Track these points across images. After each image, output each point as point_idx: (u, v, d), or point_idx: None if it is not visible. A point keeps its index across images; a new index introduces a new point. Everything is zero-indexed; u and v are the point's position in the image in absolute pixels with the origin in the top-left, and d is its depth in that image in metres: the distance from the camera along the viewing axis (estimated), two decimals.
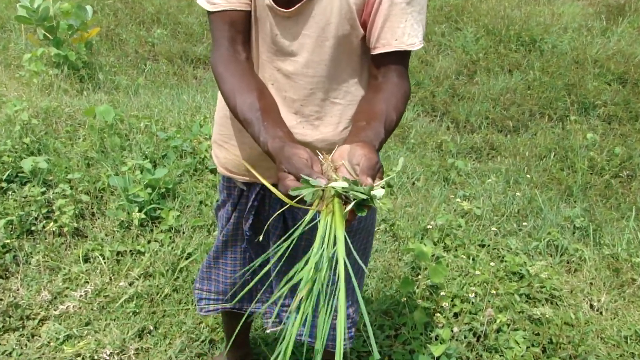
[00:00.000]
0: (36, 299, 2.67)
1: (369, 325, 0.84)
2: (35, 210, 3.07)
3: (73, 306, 2.64)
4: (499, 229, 3.46)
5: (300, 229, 1.06)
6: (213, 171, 3.64)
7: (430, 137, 4.85)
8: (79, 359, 2.41)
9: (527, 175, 4.29)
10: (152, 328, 2.57)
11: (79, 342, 2.48)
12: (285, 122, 1.30)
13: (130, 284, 2.78)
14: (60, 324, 2.56)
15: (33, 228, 3.03)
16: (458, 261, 3.09)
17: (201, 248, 2.98)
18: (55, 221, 3.05)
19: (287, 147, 1.15)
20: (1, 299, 2.65)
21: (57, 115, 4.00)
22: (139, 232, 3.08)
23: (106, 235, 3.06)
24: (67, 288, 2.75)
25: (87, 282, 2.78)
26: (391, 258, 3.13)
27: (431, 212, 3.52)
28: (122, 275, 2.82)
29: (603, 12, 7.38)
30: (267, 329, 1.85)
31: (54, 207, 3.08)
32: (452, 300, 2.78)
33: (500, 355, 2.55)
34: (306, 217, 1.07)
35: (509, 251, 3.25)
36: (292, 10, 1.35)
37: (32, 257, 2.89)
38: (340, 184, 1.05)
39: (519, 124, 5.28)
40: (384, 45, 1.37)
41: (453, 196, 3.84)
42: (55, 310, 2.63)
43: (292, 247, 1.66)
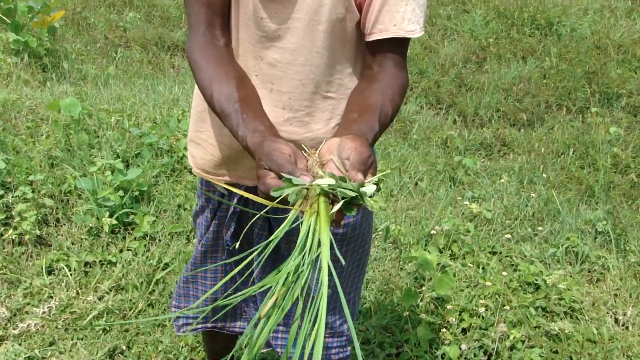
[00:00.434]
0: None
1: (357, 345, 0.84)
2: None
3: (35, 324, 2.63)
4: (512, 235, 3.47)
5: (280, 232, 1.06)
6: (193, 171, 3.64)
7: (435, 132, 4.87)
8: None
9: (543, 174, 4.31)
10: (124, 348, 2.56)
11: None
12: (267, 115, 1.30)
13: (99, 299, 2.77)
14: (20, 344, 2.55)
15: None
16: (466, 270, 3.10)
17: (180, 257, 2.98)
18: (15, 228, 3.03)
19: (268, 142, 1.14)
20: None
21: (16, 109, 3.98)
22: (109, 240, 3.07)
23: (72, 243, 3.05)
24: (29, 304, 2.73)
25: (51, 296, 2.77)
26: (392, 267, 3.14)
27: (436, 216, 3.53)
28: (91, 288, 2.81)
29: None
30: None
31: (14, 213, 3.06)
32: (460, 315, 2.79)
33: None
34: (287, 218, 1.07)
35: (523, 259, 3.26)
36: None
37: None
38: (326, 181, 1.06)
39: (533, 117, 5.30)
40: (380, 31, 1.37)
41: (460, 198, 3.85)
42: (14, 329, 2.61)
43: (278, 257, 1.67)
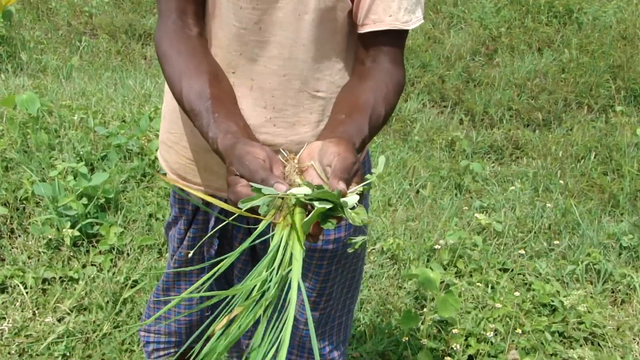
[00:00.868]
0: None
1: None
2: None
3: None
4: (525, 249, 3.49)
5: (246, 244, 1.07)
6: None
7: (439, 133, 4.89)
8: None
9: (561, 181, 4.34)
10: None
11: None
12: (241, 115, 1.30)
13: (59, 320, 2.77)
14: None
15: None
16: (473, 290, 3.11)
17: (151, 274, 2.98)
18: None
19: (240, 144, 1.15)
20: None
21: None
22: (71, 254, 3.07)
23: (29, 258, 3.04)
24: None
25: (4, 317, 2.76)
26: (389, 286, 3.14)
27: (439, 228, 3.54)
28: (49, 308, 2.81)
29: None
30: None
31: None
32: (465, 340, 2.80)
33: None
34: (255, 230, 1.07)
35: (538, 277, 3.27)
36: None
37: None
38: (302, 190, 1.06)
39: (550, 116, 5.33)
40: (374, 22, 1.38)
41: (467, 208, 3.86)
42: None
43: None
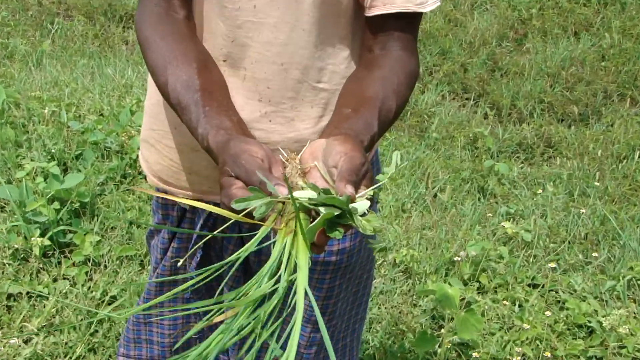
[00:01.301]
0: None
1: None
2: None
3: None
4: (558, 262, 3.49)
5: (244, 252, 1.07)
6: None
7: (460, 130, 4.89)
8: None
9: (599, 183, 4.33)
10: None
11: None
12: (235, 108, 1.31)
13: (26, 342, 2.77)
14: None
15: None
16: (498, 308, 3.11)
17: (131, 289, 2.98)
18: None
19: (235, 142, 1.15)
20: None
21: None
22: (40, 266, 3.07)
23: None
24: None
25: None
26: (402, 303, 3.15)
27: (460, 238, 3.54)
28: (15, 328, 2.81)
29: None
30: None
31: None
32: None
33: None
34: (255, 237, 1.07)
35: (573, 294, 3.27)
36: None
37: None
38: (306, 194, 1.06)
39: (587, 110, 5.33)
40: (384, 3, 1.38)
41: (491, 214, 3.86)
42: None
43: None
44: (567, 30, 6.25)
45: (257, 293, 1.01)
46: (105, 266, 3.13)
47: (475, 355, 2.80)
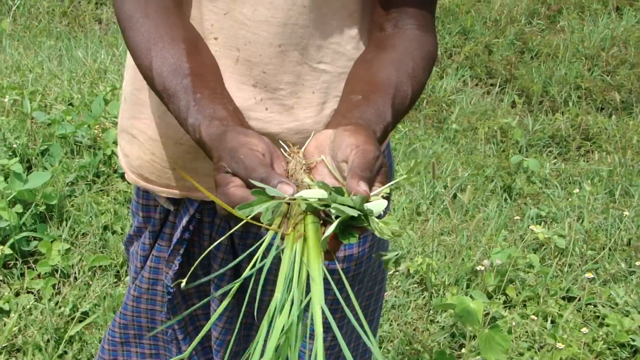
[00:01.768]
0: None
1: None
2: None
3: None
4: (597, 272, 3.49)
5: (251, 270, 1.07)
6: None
7: (484, 120, 4.89)
8: None
9: None
10: None
11: None
12: (230, 96, 1.31)
13: None
14: None
15: None
16: (528, 325, 3.12)
17: (105, 304, 2.99)
18: None
19: (232, 134, 1.15)
20: None
21: None
22: (0, 278, 3.08)
23: None
24: None
25: None
26: (417, 319, 3.15)
27: (483, 244, 3.54)
28: None
29: None
30: None
31: None
32: None
33: None
34: (262, 245, 1.07)
35: (614, 308, 3.28)
36: None
37: None
38: (315, 193, 1.07)
39: (631, 97, 5.33)
40: None
41: (520, 217, 3.87)
42: None
43: (247, 304, 1.67)
44: (608, 4, 6.25)
45: (281, 321, 0.98)
46: (75, 278, 3.13)
47: None
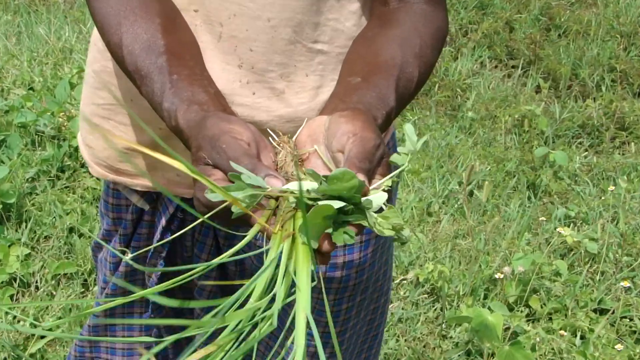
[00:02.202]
0: None
1: None
2: None
3: None
4: (633, 281, 3.49)
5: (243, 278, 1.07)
6: None
7: (505, 108, 4.89)
8: None
9: None
10: None
11: None
12: (211, 77, 1.31)
13: None
14: None
15: None
16: (554, 341, 3.12)
17: (71, 317, 2.98)
18: None
19: (212, 120, 1.15)
20: None
21: None
22: None
23: None
24: None
25: None
26: (428, 334, 3.15)
27: (503, 249, 3.54)
28: None
29: None
30: None
31: None
32: None
33: None
34: (242, 241, 1.05)
35: None
36: None
37: None
38: (306, 186, 1.06)
39: None
40: None
41: (545, 218, 3.87)
42: None
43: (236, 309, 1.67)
44: None
45: (237, 317, 0.99)
46: (36, 287, 3.13)
47: None
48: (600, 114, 4.97)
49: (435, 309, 3.28)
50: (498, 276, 3.34)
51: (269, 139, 1.18)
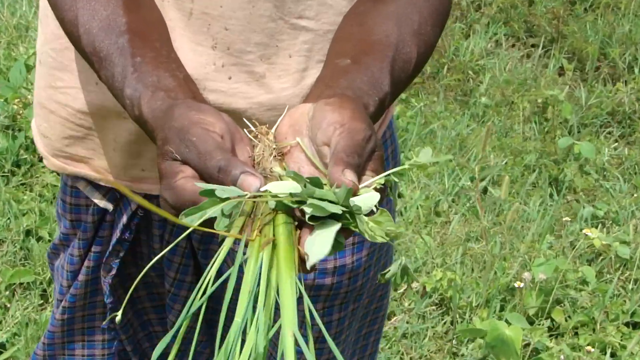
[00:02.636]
0: None
1: None
2: None
3: None
4: None
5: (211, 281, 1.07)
6: None
7: (523, 92, 4.89)
8: None
9: None
10: None
11: None
12: (180, 60, 1.31)
13: None
14: None
15: None
16: (580, 358, 3.12)
17: (27, 332, 2.99)
18: None
19: (181, 109, 1.14)
20: None
21: None
22: None
23: None
24: None
25: None
26: (436, 351, 3.16)
27: (522, 253, 3.54)
28: None
29: None
30: None
31: None
32: None
33: None
34: (216, 257, 1.05)
35: None
36: None
37: None
38: (286, 187, 1.06)
39: None
40: None
41: (570, 219, 3.87)
42: None
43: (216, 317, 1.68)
44: None
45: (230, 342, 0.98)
46: None
47: None
48: (633, 100, 4.98)
49: (445, 323, 3.28)
50: (517, 285, 3.34)
51: (245, 130, 1.17)
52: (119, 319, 1.13)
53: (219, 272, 1.04)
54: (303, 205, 1.04)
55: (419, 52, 1.37)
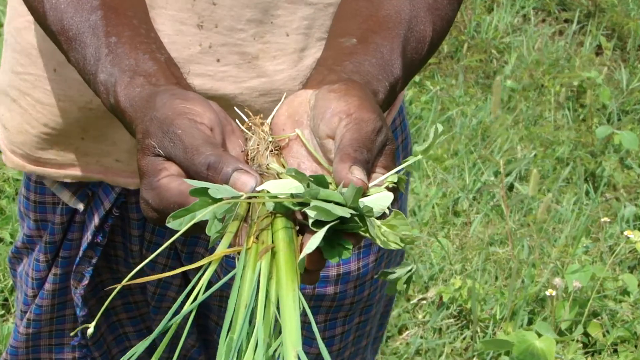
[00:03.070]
0: None
1: None
2: None
3: None
4: None
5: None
6: None
7: (555, 74, 4.89)
8: None
9: None
10: None
11: None
12: (161, 41, 1.31)
13: None
14: None
15: None
16: None
17: None
18: None
19: (164, 97, 1.14)
20: None
21: None
22: None
23: None
24: None
25: None
26: None
27: (553, 258, 3.55)
28: None
29: None
30: None
31: None
32: None
33: None
34: (205, 269, 1.04)
35: None
36: None
37: None
38: (286, 186, 1.06)
39: None
40: None
41: (609, 219, 3.87)
42: None
43: (209, 328, 1.68)
44: None
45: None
46: None
47: None
48: None
49: (465, 338, 3.29)
50: (547, 294, 3.34)
51: (237, 120, 1.18)
52: (90, 332, 1.08)
53: (209, 282, 1.03)
54: (306, 207, 1.03)
55: (435, 30, 1.37)
